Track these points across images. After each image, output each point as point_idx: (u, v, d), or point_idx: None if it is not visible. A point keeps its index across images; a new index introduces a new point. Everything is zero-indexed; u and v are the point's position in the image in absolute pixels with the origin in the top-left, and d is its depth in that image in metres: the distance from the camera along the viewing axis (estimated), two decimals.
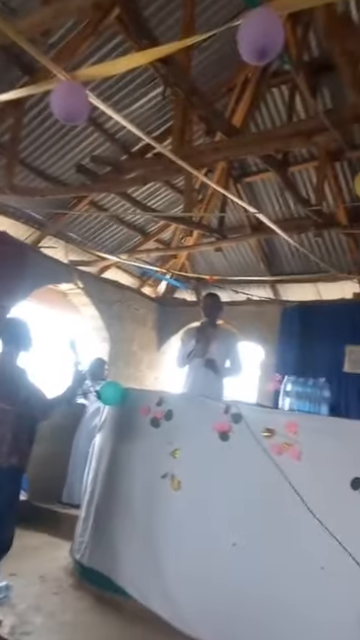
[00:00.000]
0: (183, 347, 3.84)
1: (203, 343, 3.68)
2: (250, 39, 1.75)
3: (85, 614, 2.71)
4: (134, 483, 3.10)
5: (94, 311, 6.26)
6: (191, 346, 3.70)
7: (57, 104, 2.02)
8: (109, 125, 4.68)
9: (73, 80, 2.06)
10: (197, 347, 3.67)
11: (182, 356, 3.79)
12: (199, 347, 3.67)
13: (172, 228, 6.40)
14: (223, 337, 3.80)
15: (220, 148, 3.32)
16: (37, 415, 2.68)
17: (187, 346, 3.76)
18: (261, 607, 2.40)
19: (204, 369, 3.64)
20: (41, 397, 2.68)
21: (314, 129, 2.88)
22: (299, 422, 2.59)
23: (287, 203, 5.43)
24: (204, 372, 3.63)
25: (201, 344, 3.68)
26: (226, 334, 3.88)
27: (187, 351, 3.73)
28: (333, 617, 2.22)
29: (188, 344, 3.77)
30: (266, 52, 1.77)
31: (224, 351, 3.74)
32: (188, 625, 2.57)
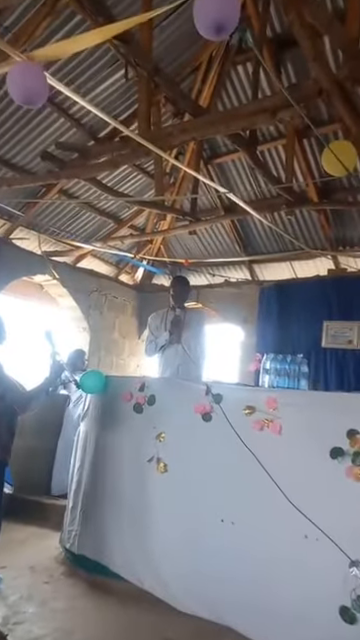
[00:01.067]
0: (151, 335, 3.82)
1: (177, 330, 3.68)
2: (205, 14, 1.73)
3: (78, 600, 2.75)
4: (121, 469, 3.13)
5: (71, 301, 6.20)
6: (163, 340, 3.69)
7: (14, 86, 1.96)
8: (74, 110, 4.58)
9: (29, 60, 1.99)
10: (172, 338, 3.66)
11: (153, 347, 3.77)
12: (173, 336, 3.67)
13: (146, 214, 6.34)
14: (193, 319, 3.80)
15: (187, 129, 3.29)
16: (16, 409, 2.65)
17: (157, 334, 3.74)
18: (249, 579, 2.48)
19: (181, 354, 3.65)
20: (19, 391, 2.66)
21: (279, 105, 2.87)
22: (278, 398, 2.64)
23: (258, 183, 5.44)
24: (181, 357, 3.64)
25: (175, 332, 3.67)
26: (196, 315, 3.88)
27: (160, 344, 3.72)
28: (319, 581, 2.29)
29: (156, 332, 3.75)
30: (223, 27, 1.75)
31: (195, 334, 3.76)
32: (180, 602, 2.64)
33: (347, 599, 2.17)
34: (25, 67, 1.98)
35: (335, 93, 2.59)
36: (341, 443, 2.36)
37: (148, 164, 5.53)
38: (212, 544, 2.63)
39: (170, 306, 3.85)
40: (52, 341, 2.96)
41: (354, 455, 2.32)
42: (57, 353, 2.92)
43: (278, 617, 2.36)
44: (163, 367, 3.76)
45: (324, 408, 2.55)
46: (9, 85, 1.99)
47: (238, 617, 2.46)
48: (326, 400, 2.72)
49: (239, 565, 2.52)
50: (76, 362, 4.99)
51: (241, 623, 2.44)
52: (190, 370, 3.58)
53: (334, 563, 2.23)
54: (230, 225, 6.20)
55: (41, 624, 2.43)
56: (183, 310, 3.80)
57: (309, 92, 2.69)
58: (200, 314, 3.96)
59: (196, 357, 3.70)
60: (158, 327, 3.76)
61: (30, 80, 1.94)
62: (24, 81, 1.95)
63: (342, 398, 2.79)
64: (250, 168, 5.29)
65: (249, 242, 6.41)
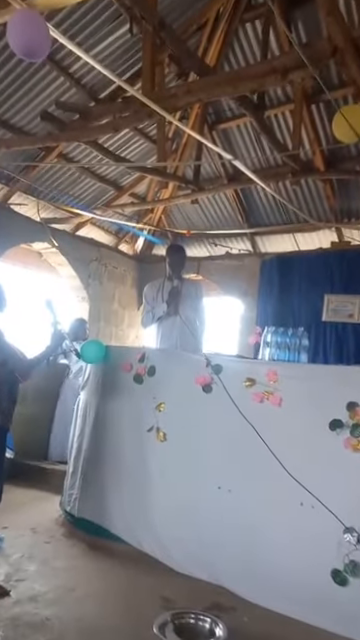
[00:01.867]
0: (148, 305, 3.75)
1: (174, 301, 3.61)
2: None
3: (78, 559, 2.82)
4: (121, 437, 3.16)
5: (71, 271, 6.13)
6: (161, 311, 3.63)
7: (14, 36, 1.84)
8: (74, 69, 4.38)
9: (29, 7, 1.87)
10: (169, 309, 3.59)
11: (150, 317, 3.70)
12: (171, 308, 3.60)
13: (147, 181, 6.19)
14: (190, 290, 3.72)
15: (193, 90, 3.15)
16: (17, 376, 2.64)
17: (153, 304, 3.67)
18: (245, 543, 2.54)
19: (179, 326, 3.60)
20: (20, 358, 2.64)
21: (289, 66, 2.74)
22: (279, 370, 2.65)
23: (263, 150, 5.28)
24: (179, 328, 3.61)
25: (173, 303, 3.60)
26: (193, 287, 3.80)
27: (157, 314, 3.65)
28: (313, 546, 2.35)
29: (152, 302, 3.69)
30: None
31: (194, 306, 3.69)
32: (178, 564, 2.72)
33: (339, 563, 2.24)
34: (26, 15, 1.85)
35: (349, 52, 2.47)
36: (340, 415, 2.38)
37: (150, 128, 5.35)
38: (210, 510, 2.69)
39: (167, 276, 3.75)
40: (53, 310, 2.94)
41: (353, 427, 2.35)
42: (58, 322, 2.90)
43: (271, 579, 2.44)
44: (160, 339, 3.71)
45: (324, 381, 2.56)
46: (9, 36, 1.87)
47: (233, 579, 2.54)
48: (326, 373, 2.73)
49: (235, 530, 2.58)
50: (77, 332, 4.97)
51: (236, 584, 2.52)
52: (189, 342, 3.53)
53: (328, 529, 2.29)
54: (233, 195, 6.06)
55: (42, 581, 2.50)
56: (181, 281, 3.69)
57: (322, 51, 2.56)
58: (198, 285, 3.88)
59: (194, 329, 3.64)
60: (155, 298, 3.68)
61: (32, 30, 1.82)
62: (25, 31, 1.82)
63: (342, 371, 2.81)
64: (256, 135, 5.13)
65: (252, 213, 6.28)
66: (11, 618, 2.13)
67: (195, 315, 3.69)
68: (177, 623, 2.08)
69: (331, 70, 4.37)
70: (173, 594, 2.42)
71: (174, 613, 2.14)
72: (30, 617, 2.15)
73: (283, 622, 2.27)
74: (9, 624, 2.08)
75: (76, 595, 2.39)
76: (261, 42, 3.99)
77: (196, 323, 3.69)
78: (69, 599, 2.34)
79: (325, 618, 2.24)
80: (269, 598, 2.40)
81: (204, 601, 2.36)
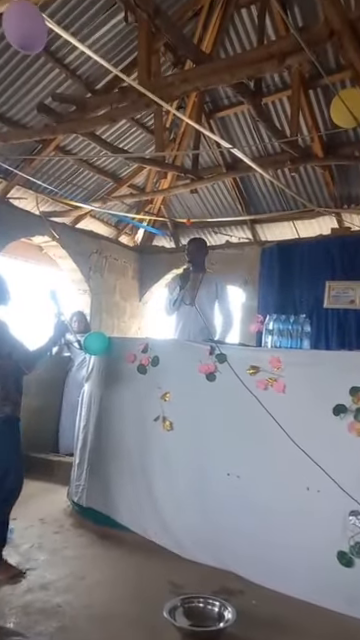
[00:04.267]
0: (169, 295, 3.79)
1: (189, 290, 3.63)
2: None
3: (87, 549, 2.87)
4: (126, 427, 3.20)
5: (72, 264, 6.13)
6: (176, 294, 3.65)
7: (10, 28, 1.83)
8: (70, 60, 4.34)
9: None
10: (183, 294, 3.61)
11: (168, 304, 3.74)
12: (186, 294, 3.62)
13: (145, 172, 6.16)
14: (211, 283, 3.73)
15: (189, 78, 3.12)
16: (21, 368, 2.67)
17: (173, 294, 3.72)
18: (252, 528, 2.58)
19: (193, 315, 3.62)
20: (25, 350, 2.67)
21: (287, 51, 2.71)
22: (282, 357, 2.68)
23: (262, 138, 5.25)
24: (194, 318, 3.62)
25: (188, 291, 3.62)
26: (214, 280, 3.80)
27: (172, 299, 3.68)
28: (319, 529, 2.39)
29: (173, 291, 3.72)
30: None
31: (212, 297, 3.70)
32: (186, 550, 2.77)
33: (345, 545, 2.28)
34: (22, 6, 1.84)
35: (347, 35, 2.44)
36: (344, 400, 2.41)
37: (147, 119, 5.31)
38: (218, 496, 2.73)
39: (186, 267, 3.77)
40: (56, 301, 2.96)
41: (356, 411, 2.38)
42: (61, 313, 2.92)
43: (279, 562, 2.48)
44: (176, 329, 3.72)
45: (328, 367, 2.58)
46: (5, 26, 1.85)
47: (241, 563, 2.58)
48: (330, 359, 2.75)
49: (243, 515, 2.62)
50: (79, 324, 5.00)
51: (244, 568, 2.57)
52: (203, 333, 3.46)
53: (334, 512, 2.33)
54: (232, 183, 6.03)
55: (53, 570, 2.54)
56: (201, 272, 3.72)
57: (319, 35, 2.53)
58: (219, 278, 3.88)
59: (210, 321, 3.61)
60: (176, 287, 3.70)
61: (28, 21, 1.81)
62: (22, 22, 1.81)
63: (345, 357, 2.83)
64: (254, 122, 5.08)
65: (251, 201, 6.26)
66: (23, 605, 2.18)
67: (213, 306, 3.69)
68: (186, 607, 2.13)
69: (328, 54, 4.32)
70: (182, 580, 2.47)
71: (183, 598, 2.18)
72: (42, 604, 2.19)
73: (291, 604, 2.31)
74: (21, 611, 2.13)
75: (86, 583, 2.44)
76: (257, 27, 3.93)
77: (211, 314, 3.68)
78: (79, 587, 2.39)
79: (332, 599, 2.28)
80: (277, 581, 2.45)
81: (213, 586, 2.40)
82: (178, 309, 3.68)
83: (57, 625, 2.02)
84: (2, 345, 2.59)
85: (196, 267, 3.72)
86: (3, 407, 2.56)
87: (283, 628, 2.12)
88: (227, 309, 3.76)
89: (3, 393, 2.57)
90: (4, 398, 2.56)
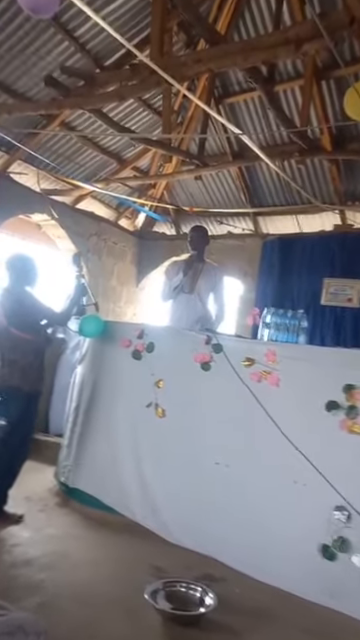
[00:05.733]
0: (168, 280, 3.74)
1: (190, 278, 3.60)
2: None
3: (72, 528, 2.87)
4: (118, 411, 3.19)
5: (70, 244, 6.05)
6: (177, 280, 3.62)
7: None
8: (80, 33, 4.22)
9: None
10: (184, 281, 3.59)
11: (167, 290, 3.71)
12: (186, 282, 3.60)
13: (150, 155, 6.06)
14: (210, 273, 3.71)
15: (202, 59, 3.03)
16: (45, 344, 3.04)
17: (173, 280, 3.68)
18: (239, 517, 2.60)
19: (192, 304, 3.59)
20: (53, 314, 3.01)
21: (304, 37, 2.64)
22: (278, 351, 2.67)
23: (270, 127, 5.17)
24: (193, 307, 3.59)
25: (188, 279, 3.60)
26: (213, 270, 3.77)
27: (173, 285, 3.65)
28: (303, 522, 2.41)
29: (173, 278, 3.68)
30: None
31: (210, 287, 3.68)
32: (173, 535, 2.77)
33: (328, 539, 2.30)
34: None
35: None
36: (337, 397, 2.41)
37: (155, 99, 5.20)
38: (207, 484, 2.73)
39: (189, 255, 3.78)
40: (79, 264, 3.27)
41: (349, 409, 2.38)
42: (82, 275, 3.22)
43: (263, 553, 2.50)
44: (174, 315, 3.69)
45: (323, 363, 2.58)
46: None
47: (226, 551, 2.59)
48: (325, 355, 2.75)
49: (230, 504, 2.63)
50: None
51: (228, 556, 2.58)
52: (204, 323, 3.51)
53: (319, 507, 2.35)
54: (237, 173, 5.96)
55: (36, 547, 2.54)
56: (201, 261, 3.71)
57: (339, 21, 2.46)
58: (218, 268, 3.85)
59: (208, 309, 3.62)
60: (176, 273, 3.67)
61: None
62: None
63: (341, 354, 2.82)
64: (263, 110, 5.00)
65: (255, 193, 6.19)
66: (7, 579, 2.17)
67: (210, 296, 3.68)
68: (168, 591, 2.14)
69: (343, 46, 4.23)
70: (166, 564, 2.47)
71: (166, 581, 2.18)
72: (25, 579, 2.19)
73: (273, 594, 2.33)
74: (5, 585, 2.12)
75: (69, 561, 2.44)
76: (274, 11, 3.83)
77: (208, 303, 3.68)
78: (63, 564, 2.39)
79: (314, 591, 2.30)
80: (260, 570, 2.46)
81: (196, 571, 2.41)
82: (177, 296, 3.65)
83: (39, 601, 2.01)
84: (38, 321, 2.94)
85: (198, 255, 3.69)
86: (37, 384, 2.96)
87: (263, 617, 2.14)
88: (221, 300, 3.74)
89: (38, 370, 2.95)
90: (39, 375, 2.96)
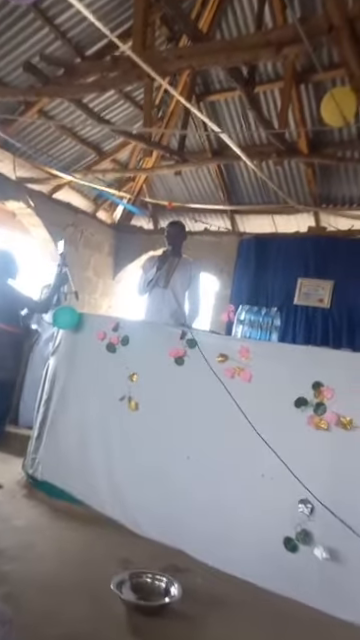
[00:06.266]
0: (144, 274, 3.75)
1: (165, 272, 3.62)
2: None
3: (39, 519, 2.86)
4: (90, 404, 3.19)
5: (45, 234, 5.96)
6: (151, 274, 3.63)
7: None
8: (61, 20, 4.14)
9: None
10: (159, 276, 3.60)
11: (142, 284, 3.72)
12: (161, 276, 3.61)
13: (129, 148, 6.02)
14: (186, 267, 3.72)
15: (184, 55, 3.06)
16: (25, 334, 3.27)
17: (148, 274, 3.69)
18: (207, 510, 2.64)
19: (166, 298, 3.61)
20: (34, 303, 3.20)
21: (284, 40, 2.69)
22: (251, 348, 2.72)
23: (250, 127, 5.22)
24: (167, 301, 3.61)
25: (163, 273, 3.61)
26: (189, 265, 3.78)
27: (147, 279, 3.66)
28: (269, 515, 2.48)
29: (149, 272, 3.69)
30: None
31: (186, 282, 3.68)
32: (140, 527, 2.80)
33: (292, 531, 2.38)
34: None
35: (345, 31, 2.45)
36: (306, 394, 2.48)
37: (136, 92, 5.17)
38: (177, 478, 2.77)
39: (164, 250, 3.79)
40: (64, 254, 3.38)
41: (316, 406, 2.45)
42: (65, 264, 3.30)
43: (228, 544, 2.55)
44: (149, 310, 3.70)
45: (293, 360, 2.65)
46: None
47: (192, 542, 2.64)
48: (296, 353, 2.81)
49: (199, 497, 2.68)
50: None
51: (194, 548, 2.62)
52: (178, 317, 3.52)
53: (285, 500, 2.42)
54: (216, 170, 6.00)
55: (3, 539, 2.52)
56: (177, 256, 3.71)
57: (318, 27, 2.53)
58: (194, 263, 3.86)
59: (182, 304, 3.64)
60: (151, 268, 3.67)
61: None
62: None
63: (310, 351, 2.90)
64: (243, 110, 5.04)
65: (233, 190, 6.25)
66: None
67: (186, 291, 3.68)
68: (134, 582, 2.17)
69: (322, 51, 4.32)
70: (132, 555, 2.50)
71: (131, 572, 2.21)
72: None
73: (235, 584, 2.39)
74: None
75: (36, 552, 2.43)
76: (255, 13, 3.87)
77: (184, 298, 3.69)
78: (29, 556, 2.38)
79: (275, 581, 2.37)
80: (225, 561, 2.52)
81: (162, 562, 2.45)
82: (151, 290, 3.66)
83: (5, 591, 2.01)
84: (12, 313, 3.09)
85: (174, 250, 3.71)
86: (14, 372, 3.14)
87: (226, 606, 2.19)
88: (196, 295, 3.75)
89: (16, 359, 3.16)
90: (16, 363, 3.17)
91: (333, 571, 2.26)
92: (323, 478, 2.36)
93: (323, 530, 2.30)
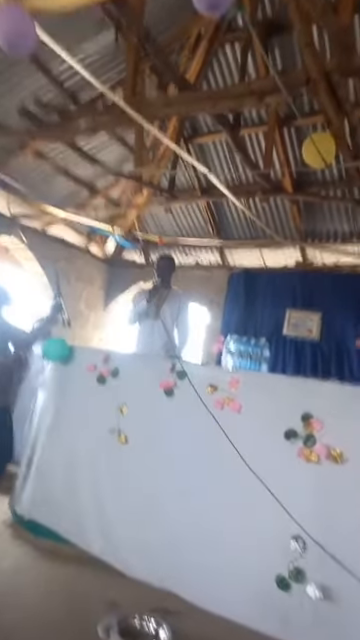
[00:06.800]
0: (135, 308, 3.82)
1: (155, 304, 3.69)
2: None
3: (24, 561, 2.77)
4: (79, 438, 3.15)
5: (38, 267, 6.05)
6: (142, 306, 3.70)
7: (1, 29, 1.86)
8: (57, 72, 4.38)
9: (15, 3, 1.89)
10: (149, 307, 3.67)
11: (132, 316, 3.79)
12: (151, 308, 3.68)
13: (121, 186, 6.22)
14: (175, 299, 3.80)
15: (172, 103, 3.25)
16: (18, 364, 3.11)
17: (138, 306, 3.75)
18: (198, 548, 2.58)
19: (156, 330, 3.66)
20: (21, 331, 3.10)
21: (266, 90, 2.89)
22: (241, 378, 2.72)
23: (236, 167, 5.46)
24: (158, 333, 3.66)
25: (153, 305, 3.68)
26: (178, 296, 3.86)
27: (138, 311, 3.72)
28: (261, 552, 2.41)
29: (139, 304, 3.76)
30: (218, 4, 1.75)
31: (175, 313, 3.75)
32: (129, 568, 2.72)
33: (284, 569, 2.31)
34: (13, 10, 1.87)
35: (322, 83, 2.64)
36: (295, 425, 2.46)
37: (128, 136, 5.40)
38: (167, 514, 2.71)
39: (154, 282, 3.86)
40: (58, 284, 3.43)
41: (306, 437, 2.42)
42: (60, 294, 3.33)
43: (219, 584, 2.48)
44: (139, 341, 3.74)
45: (282, 391, 2.65)
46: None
47: (182, 583, 2.56)
48: (285, 383, 2.83)
49: (190, 535, 2.62)
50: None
51: (184, 589, 2.54)
52: (168, 348, 3.55)
53: (277, 536, 2.37)
54: (205, 207, 6.21)
55: None
56: (167, 288, 3.80)
57: (297, 79, 2.72)
58: (184, 295, 3.94)
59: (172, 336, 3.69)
60: (141, 300, 3.75)
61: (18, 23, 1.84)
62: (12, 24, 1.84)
63: (300, 383, 2.91)
64: (230, 151, 5.29)
65: (222, 225, 6.45)
66: None
67: (176, 324, 3.74)
68: (122, 626, 2.10)
69: (304, 98, 4.60)
70: (121, 597, 2.42)
71: (119, 615, 2.15)
72: None
73: (227, 626, 2.31)
74: None
75: (21, 597, 2.36)
76: (239, 64, 4.14)
77: (174, 330, 3.74)
78: (13, 601, 2.30)
79: (268, 623, 2.29)
80: (216, 602, 2.44)
81: (151, 604, 2.36)
82: (142, 322, 3.72)
83: None
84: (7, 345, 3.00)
85: (163, 283, 3.80)
86: None
87: None
88: (185, 326, 3.81)
89: None
90: None
91: (327, 610, 2.19)
92: (314, 513, 2.31)
93: (316, 567, 2.24)
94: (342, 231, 5.76)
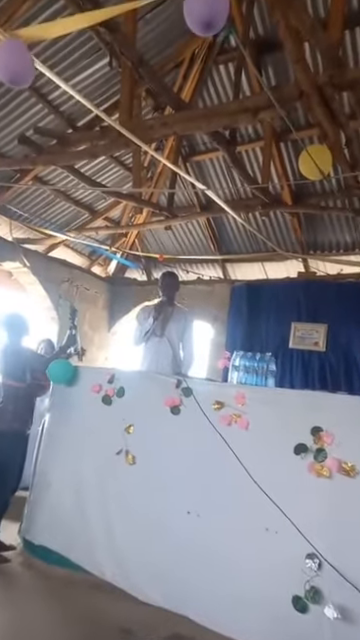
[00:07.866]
0: (139, 325, 3.81)
1: (160, 322, 3.68)
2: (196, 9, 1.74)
3: (35, 590, 2.72)
4: (87, 461, 3.11)
5: (41, 290, 6.08)
6: (148, 325, 3.69)
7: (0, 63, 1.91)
8: (53, 97, 4.48)
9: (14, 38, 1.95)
10: (155, 325, 3.66)
11: (139, 334, 3.77)
12: (157, 326, 3.67)
13: (121, 206, 6.29)
14: (180, 316, 3.79)
15: (169, 123, 3.29)
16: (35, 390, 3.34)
17: (143, 324, 3.74)
18: (210, 569, 2.52)
19: (163, 347, 3.65)
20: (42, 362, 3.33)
21: (260, 106, 2.92)
22: (247, 394, 2.69)
23: (235, 182, 5.50)
24: (164, 350, 3.64)
25: (158, 323, 3.67)
26: (183, 314, 3.85)
27: (144, 329, 3.71)
28: (276, 573, 2.35)
29: (144, 322, 3.74)
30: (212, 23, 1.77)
31: (180, 330, 3.74)
32: (141, 592, 2.66)
33: (301, 589, 2.24)
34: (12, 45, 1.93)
35: (315, 97, 2.66)
36: (305, 440, 2.42)
37: (126, 157, 5.49)
38: (178, 536, 2.66)
39: (159, 300, 3.87)
40: (74, 316, 3.60)
41: (317, 452, 2.38)
42: (75, 327, 3.49)
43: (234, 607, 2.41)
44: (145, 360, 3.72)
45: (291, 405, 2.61)
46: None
47: (196, 607, 2.49)
48: (293, 398, 2.78)
49: (202, 556, 2.56)
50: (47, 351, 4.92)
51: (197, 612, 2.48)
52: (175, 366, 3.55)
53: (291, 555, 2.30)
54: (205, 223, 6.24)
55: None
56: (171, 305, 3.80)
57: (290, 94, 2.75)
58: (188, 312, 3.94)
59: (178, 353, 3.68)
60: (146, 318, 3.73)
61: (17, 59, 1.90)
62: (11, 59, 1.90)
63: (308, 396, 2.87)
64: (227, 168, 5.34)
65: (223, 241, 6.47)
66: None
67: (181, 341, 3.73)
68: None
69: (298, 112, 4.66)
70: (133, 624, 2.37)
71: None
72: None
73: None
74: None
75: (33, 626, 2.30)
76: (233, 82, 4.21)
77: (179, 347, 3.72)
78: (25, 629, 2.25)
79: None
80: (231, 626, 2.37)
81: (165, 631, 2.31)
82: (148, 340, 3.70)
83: None
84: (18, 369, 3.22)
85: (168, 300, 3.79)
86: (12, 423, 3.18)
87: None
88: (190, 343, 3.79)
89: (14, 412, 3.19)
90: (14, 416, 3.19)
91: (345, 631, 2.12)
92: (327, 530, 2.25)
93: (332, 586, 2.17)
94: (344, 241, 5.75)
